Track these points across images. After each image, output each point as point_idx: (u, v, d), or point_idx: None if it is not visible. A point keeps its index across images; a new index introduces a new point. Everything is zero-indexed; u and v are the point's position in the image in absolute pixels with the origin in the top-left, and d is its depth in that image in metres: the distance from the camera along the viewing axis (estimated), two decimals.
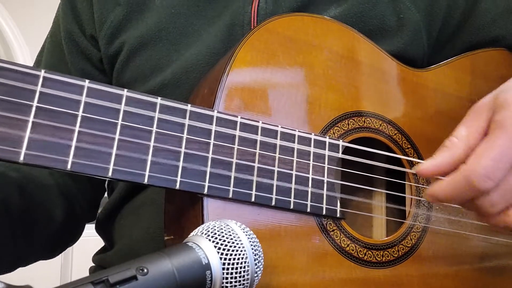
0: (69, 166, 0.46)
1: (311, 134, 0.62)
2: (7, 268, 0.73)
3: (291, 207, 0.58)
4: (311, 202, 0.60)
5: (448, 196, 0.54)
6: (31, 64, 0.89)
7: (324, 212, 0.60)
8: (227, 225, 0.48)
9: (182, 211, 0.59)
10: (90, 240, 0.94)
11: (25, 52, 2.52)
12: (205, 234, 0.47)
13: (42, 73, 0.46)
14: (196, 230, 0.48)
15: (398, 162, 0.70)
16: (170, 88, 0.74)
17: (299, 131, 0.61)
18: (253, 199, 0.56)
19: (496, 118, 0.53)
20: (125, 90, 0.50)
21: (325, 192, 0.61)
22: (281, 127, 0.59)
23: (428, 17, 0.80)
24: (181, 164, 0.52)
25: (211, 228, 0.47)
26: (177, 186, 0.51)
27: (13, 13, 2.57)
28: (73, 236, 0.85)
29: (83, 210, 0.82)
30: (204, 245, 0.45)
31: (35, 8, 2.50)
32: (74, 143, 0.46)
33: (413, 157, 0.70)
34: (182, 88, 0.73)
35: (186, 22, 0.76)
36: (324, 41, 0.67)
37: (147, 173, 0.50)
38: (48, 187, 0.76)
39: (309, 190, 0.60)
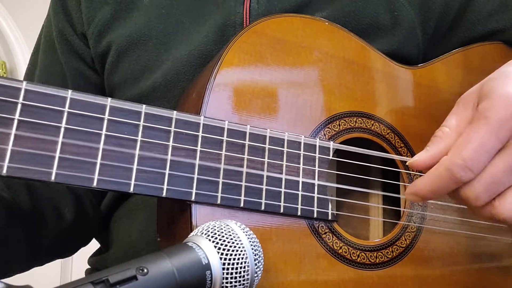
0: (53, 178, 0.46)
1: (301, 137, 0.61)
2: (23, 268, 0.73)
3: (281, 211, 0.58)
4: (301, 205, 0.59)
5: (432, 190, 0.54)
6: (28, 63, 0.89)
7: (315, 215, 0.60)
8: (227, 225, 0.48)
9: (172, 218, 0.59)
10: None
11: (25, 52, 2.52)
12: (205, 234, 0.47)
13: (23, 85, 0.46)
14: (196, 230, 0.48)
15: (392, 161, 0.69)
16: (161, 91, 0.73)
17: (288, 135, 0.60)
18: (242, 205, 0.55)
19: (479, 107, 0.53)
20: (109, 99, 0.50)
21: (316, 195, 0.60)
22: (270, 131, 0.59)
23: (423, 13, 0.78)
24: (167, 171, 0.52)
25: (211, 228, 0.47)
26: (164, 194, 0.51)
27: (13, 13, 2.57)
28: (85, 234, 0.85)
29: (94, 208, 0.82)
30: (204, 245, 0.45)
31: (35, 8, 2.49)
32: (57, 154, 0.46)
33: (407, 156, 0.70)
34: (174, 90, 0.73)
35: (176, 21, 0.75)
36: (314, 41, 0.66)
37: (132, 182, 0.50)
38: (56, 185, 0.76)
39: (300, 193, 0.59)
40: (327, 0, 0.75)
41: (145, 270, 0.41)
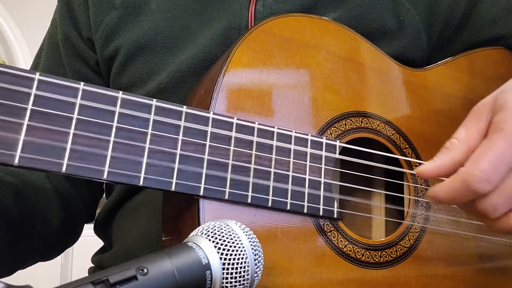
0: (64, 169, 0.46)
1: (307, 134, 0.62)
2: (7, 271, 0.72)
3: (288, 208, 0.58)
4: (308, 203, 0.59)
5: (449, 198, 0.54)
6: (32, 64, 0.90)
7: (321, 213, 0.60)
8: (227, 225, 0.48)
9: (179, 213, 0.59)
10: (90, 240, 0.94)
11: (25, 52, 2.52)
12: (205, 234, 0.47)
13: (37, 76, 0.46)
14: (196, 230, 0.48)
15: (396, 162, 0.70)
16: (166, 93, 0.74)
17: (295, 132, 0.60)
18: (249, 201, 0.56)
19: (495, 119, 0.53)
20: (120, 92, 0.50)
21: (322, 193, 0.61)
22: (278, 128, 0.59)
23: (428, 18, 0.79)
24: (176, 165, 0.52)
25: (211, 228, 0.47)
26: (173, 188, 0.51)
27: (13, 13, 2.58)
28: (71, 237, 0.84)
29: (80, 212, 0.82)
30: (204, 245, 0.45)
31: (35, 8, 2.50)
32: (69, 146, 0.46)
33: (411, 157, 0.70)
34: (179, 92, 0.73)
35: (183, 25, 0.76)
36: (321, 41, 0.67)
37: (142, 175, 0.50)
38: (44, 190, 0.76)
39: (306, 191, 0.59)
40: (333, 4, 0.76)
41: (145, 270, 0.41)
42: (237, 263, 0.46)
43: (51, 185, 0.78)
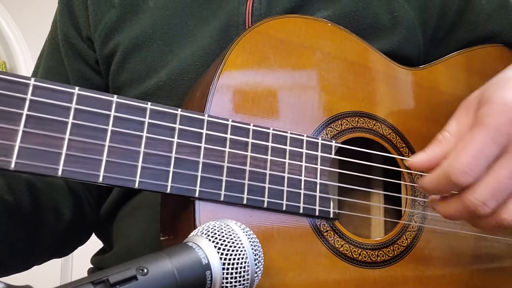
0: (59, 173, 0.46)
1: (303, 135, 0.62)
2: (20, 268, 0.74)
3: (284, 209, 0.58)
4: (303, 203, 0.60)
5: (433, 189, 0.56)
6: (33, 64, 0.90)
7: (317, 214, 0.61)
8: (227, 225, 0.48)
9: (176, 214, 0.59)
10: (90, 240, 0.95)
11: (25, 52, 2.52)
12: (205, 234, 0.47)
13: (32, 82, 0.46)
14: (196, 230, 0.49)
15: (393, 161, 0.70)
16: (165, 89, 0.74)
17: (291, 133, 0.61)
18: (244, 202, 0.56)
19: (478, 113, 0.54)
20: (115, 96, 0.50)
21: (318, 193, 0.61)
22: (273, 129, 0.60)
23: (423, 14, 0.79)
24: (171, 168, 0.52)
25: (211, 228, 0.48)
26: (168, 190, 0.52)
27: (13, 13, 2.58)
28: (83, 234, 0.85)
29: (91, 208, 0.83)
30: (204, 245, 0.46)
31: (35, 9, 2.50)
32: (64, 150, 0.47)
33: (408, 157, 0.70)
34: (178, 89, 0.74)
35: (181, 23, 0.76)
36: (316, 42, 0.67)
37: (137, 178, 0.50)
38: (57, 185, 0.77)
39: (302, 191, 0.60)
40: (327, 0, 0.76)
41: (145, 270, 0.41)
42: (237, 263, 0.46)
43: (64, 181, 0.78)
